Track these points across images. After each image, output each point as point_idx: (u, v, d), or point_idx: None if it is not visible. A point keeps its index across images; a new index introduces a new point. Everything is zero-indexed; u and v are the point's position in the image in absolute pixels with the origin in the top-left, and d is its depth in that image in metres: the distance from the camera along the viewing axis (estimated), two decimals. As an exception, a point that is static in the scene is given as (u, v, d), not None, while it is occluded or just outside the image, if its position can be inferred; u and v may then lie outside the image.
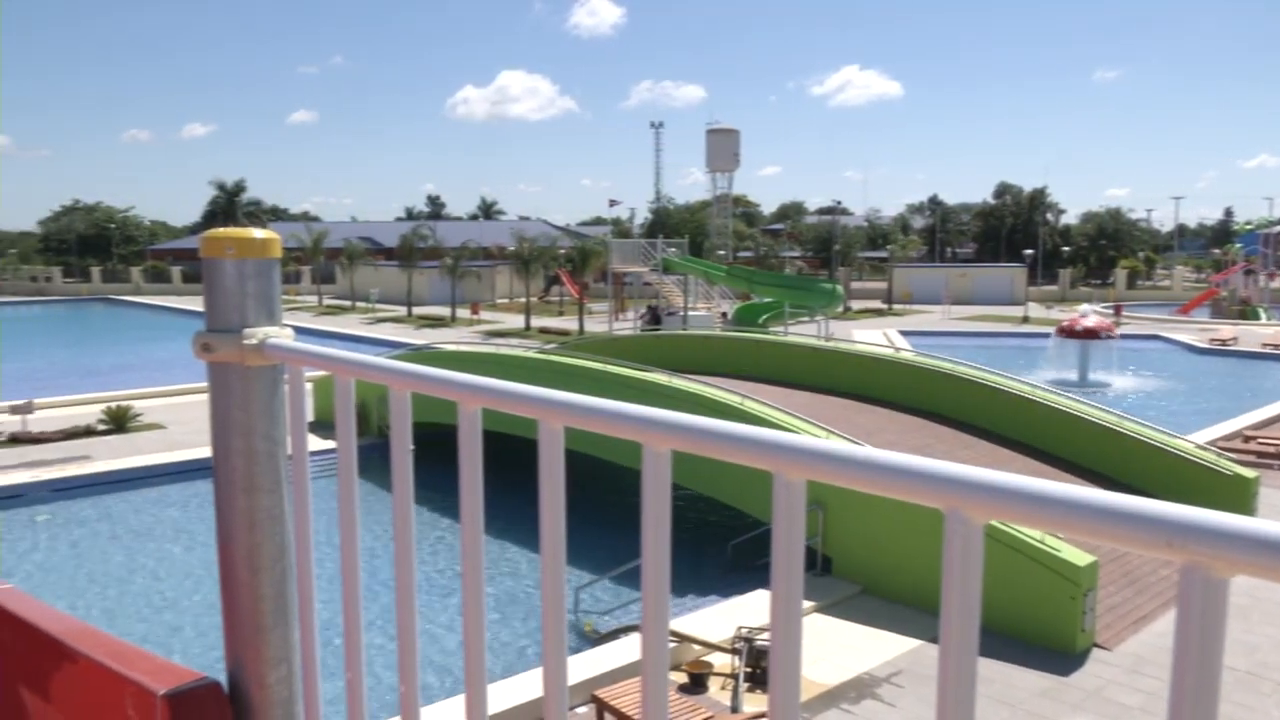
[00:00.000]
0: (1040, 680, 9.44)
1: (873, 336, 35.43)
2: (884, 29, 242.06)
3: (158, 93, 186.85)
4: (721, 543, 13.75)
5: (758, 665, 9.64)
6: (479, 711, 1.51)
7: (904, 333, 41.21)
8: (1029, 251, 63.23)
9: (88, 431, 20.84)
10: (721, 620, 10.71)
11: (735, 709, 9.12)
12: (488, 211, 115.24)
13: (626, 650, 9.95)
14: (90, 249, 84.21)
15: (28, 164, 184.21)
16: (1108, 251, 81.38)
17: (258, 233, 1.85)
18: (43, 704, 2.43)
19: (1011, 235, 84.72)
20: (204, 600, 12.86)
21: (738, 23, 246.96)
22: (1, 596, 2.71)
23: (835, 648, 10.21)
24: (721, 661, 9.89)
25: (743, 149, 72.04)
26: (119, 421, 21.36)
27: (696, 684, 9.45)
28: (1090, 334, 28.62)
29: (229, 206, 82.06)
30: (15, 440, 19.90)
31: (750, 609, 11.04)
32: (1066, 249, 78.08)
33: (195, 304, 56.59)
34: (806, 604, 11.30)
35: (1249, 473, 14.61)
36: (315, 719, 1.95)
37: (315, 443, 1.95)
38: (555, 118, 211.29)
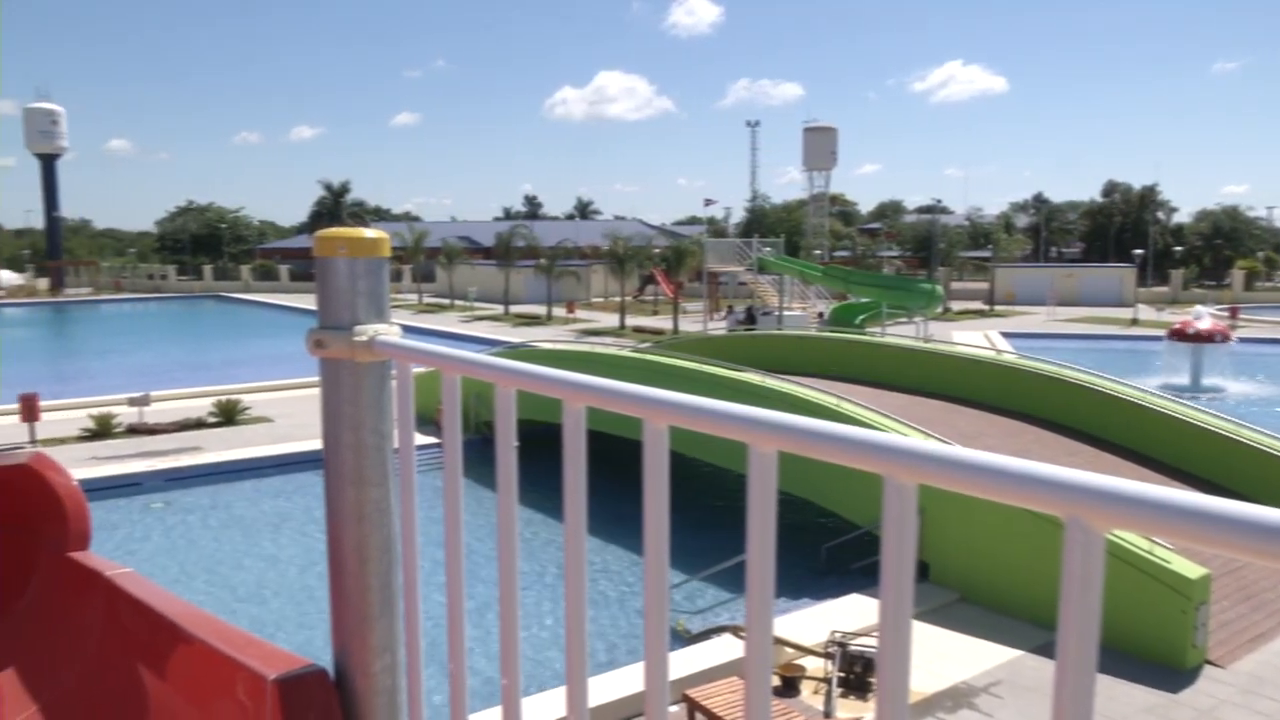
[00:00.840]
0: (1148, 696, 9.11)
1: (973, 338, 34.65)
2: (988, 23, 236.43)
3: (267, 96, 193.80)
4: (814, 545, 13.61)
5: (851, 670, 9.52)
6: (580, 705, 1.52)
7: (1006, 334, 40.16)
8: (1139, 251, 60.91)
9: (199, 424, 21.66)
10: (814, 623, 10.60)
11: (828, 714, 9.02)
12: (584, 211, 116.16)
13: (718, 651, 9.93)
14: (203, 248, 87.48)
15: (147, 167, 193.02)
16: (1223, 251, 78.08)
17: (368, 232, 1.90)
18: (159, 683, 2.53)
19: (1120, 234, 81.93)
20: (305, 589, 13.25)
21: (837, 20, 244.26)
22: (122, 580, 2.84)
23: (932, 655, 10.01)
24: (814, 665, 9.79)
25: (840, 147, 71.51)
26: (228, 414, 22.14)
27: (788, 687, 9.38)
28: (1204, 338, 27.45)
29: (334, 207, 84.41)
30: (133, 431, 20.80)
31: (844, 613, 10.90)
32: (1179, 249, 75.11)
33: (301, 301, 58.33)
34: (902, 610, 11.12)
35: (1377, 485, 13.85)
36: (418, 708, 1.99)
37: (417, 438, 1.99)
38: (652, 117, 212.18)
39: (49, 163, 80.00)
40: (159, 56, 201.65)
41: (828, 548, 13.43)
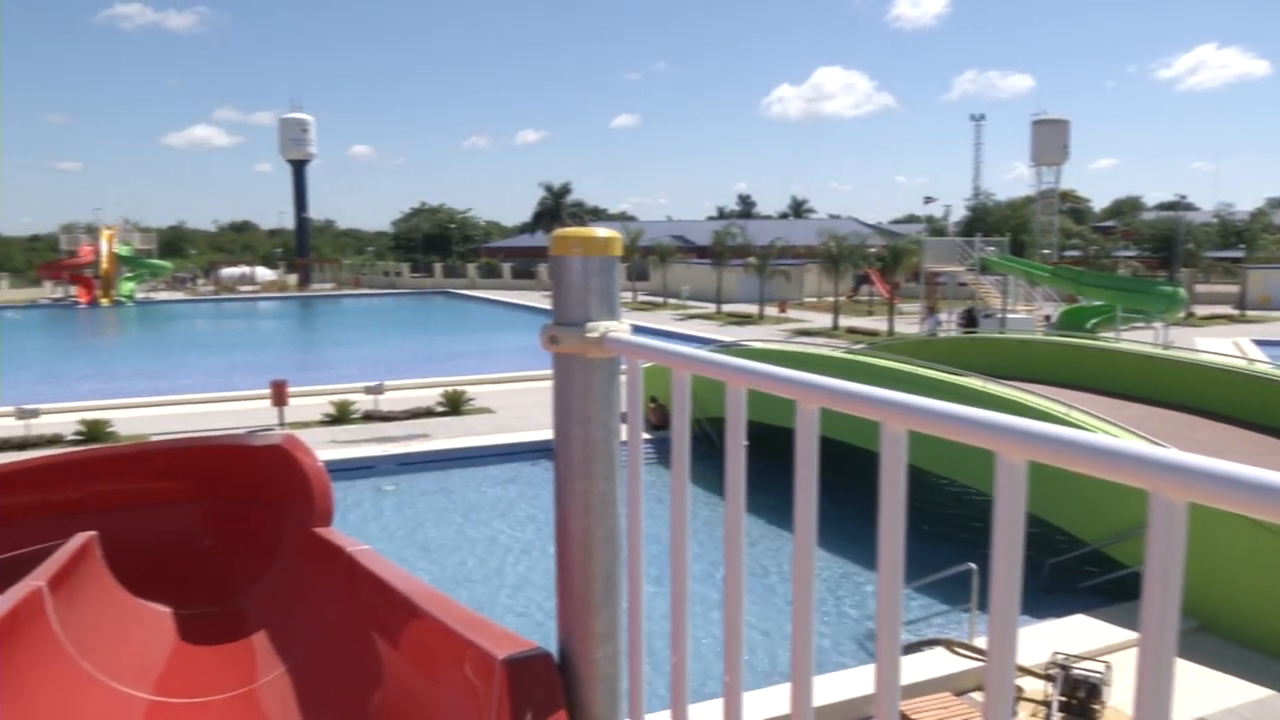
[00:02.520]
0: None
1: (1220, 346, 31.93)
2: (1250, 1, 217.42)
3: (496, 102, 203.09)
4: (1036, 560, 12.94)
5: (1073, 695, 9.00)
6: (804, 705, 1.50)
7: (1259, 342, 36.81)
8: None
9: (428, 412, 22.91)
10: (1034, 643, 10.08)
11: (1048, 738, 8.57)
12: (798, 210, 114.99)
13: (929, 664, 9.61)
14: (434, 247, 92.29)
15: (385, 171, 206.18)
16: None
17: (601, 232, 1.95)
18: (393, 654, 2.68)
19: (1403, 232, 73.37)
20: (521, 575, 13.76)
21: (1074, 5, 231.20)
22: (361, 557, 3.03)
23: (1166, 685, 9.32)
24: (1032, 687, 9.32)
25: (1072, 140, 67.53)
26: (454, 404, 23.30)
27: (1006, 707, 8.96)
28: None
29: (555, 208, 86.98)
30: (369, 418, 22.26)
31: (1066, 634, 10.32)
32: None
33: (521, 298, 60.73)
34: (1134, 635, 10.38)
35: None
36: (639, 696, 2.02)
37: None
38: (871, 114, 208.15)
39: (299, 168, 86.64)
40: (399, 68, 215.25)
41: (1051, 564, 12.75)
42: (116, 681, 2.85)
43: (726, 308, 52.19)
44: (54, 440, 19.58)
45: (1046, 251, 63.57)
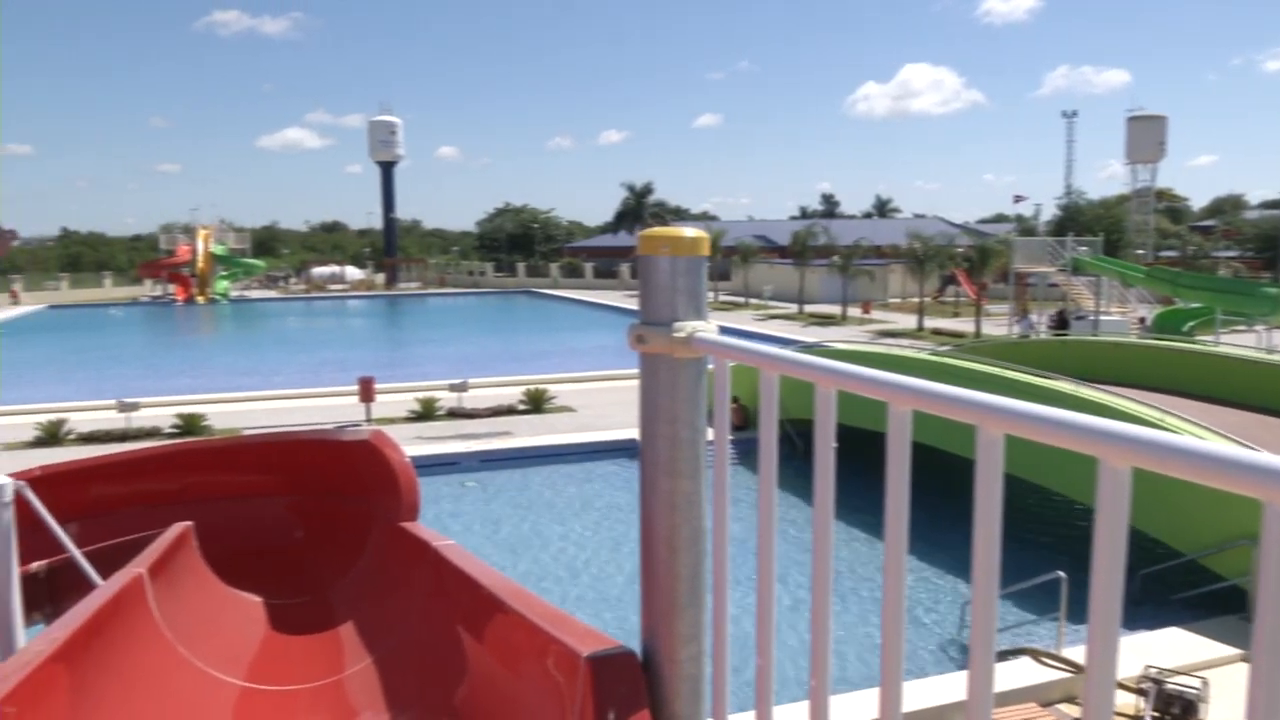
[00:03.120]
0: None
1: (1327, 351, 30.56)
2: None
3: (580, 104, 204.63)
4: (1128, 570, 12.53)
5: (1167, 711, 8.71)
6: (893, 712, 1.48)
7: (1369, 348, 35.14)
8: None
9: (510, 410, 23.16)
10: (1126, 655, 9.73)
11: (1140, 754, 8.30)
12: (882, 209, 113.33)
13: (1015, 674, 9.38)
14: (517, 246, 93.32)
15: (471, 171, 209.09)
16: None
17: (688, 232, 1.94)
18: (476, 646, 2.71)
19: None
20: (600, 573, 13.81)
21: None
22: (446, 551, 3.07)
23: (1268, 703, 8.95)
24: (1123, 700, 9.03)
25: (1170, 137, 65.41)
26: (536, 403, 23.51)
27: (1095, 720, 8.71)
28: None
29: (637, 208, 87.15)
30: (453, 415, 22.59)
31: (1160, 647, 9.98)
32: None
33: (603, 298, 61.04)
34: (1233, 651, 9.99)
35: None
36: (722, 698, 2.01)
37: (708, 432, 2.00)
38: (959, 111, 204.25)
39: (388, 169, 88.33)
40: (485, 70, 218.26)
41: (1144, 574, 12.34)
42: (210, 667, 2.93)
43: (809, 308, 51.70)
44: (152, 433, 20.30)
45: (1141, 252, 61.69)
